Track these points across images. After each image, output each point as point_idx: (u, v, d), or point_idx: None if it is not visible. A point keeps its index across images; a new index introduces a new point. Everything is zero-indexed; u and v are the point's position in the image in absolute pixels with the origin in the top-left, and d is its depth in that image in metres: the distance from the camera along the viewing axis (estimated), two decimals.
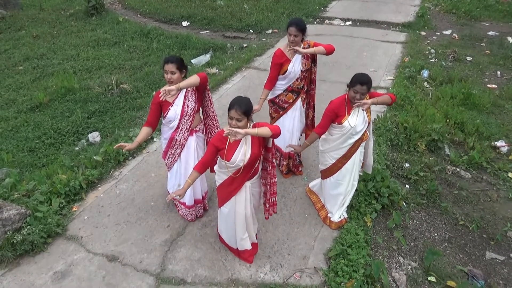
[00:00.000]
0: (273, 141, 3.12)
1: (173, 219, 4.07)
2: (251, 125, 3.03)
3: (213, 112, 3.76)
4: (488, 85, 7.10)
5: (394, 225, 4.02)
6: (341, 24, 10.48)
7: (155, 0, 12.45)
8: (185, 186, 3.05)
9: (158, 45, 9.18)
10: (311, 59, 4.15)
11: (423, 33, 9.76)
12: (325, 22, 10.64)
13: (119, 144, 3.42)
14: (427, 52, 8.42)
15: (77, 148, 5.61)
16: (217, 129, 3.79)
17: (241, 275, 3.45)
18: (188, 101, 3.47)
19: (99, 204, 4.32)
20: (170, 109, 3.47)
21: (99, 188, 4.56)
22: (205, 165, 3.09)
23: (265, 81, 4.26)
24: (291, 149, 4.00)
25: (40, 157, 5.50)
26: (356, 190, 4.24)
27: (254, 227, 3.50)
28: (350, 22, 10.55)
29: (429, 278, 3.53)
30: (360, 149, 3.69)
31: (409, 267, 3.66)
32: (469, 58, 8.21)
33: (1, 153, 5.39)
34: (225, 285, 3.36)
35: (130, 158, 5.10)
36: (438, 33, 9.81)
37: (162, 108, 3.51)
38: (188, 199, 3.84)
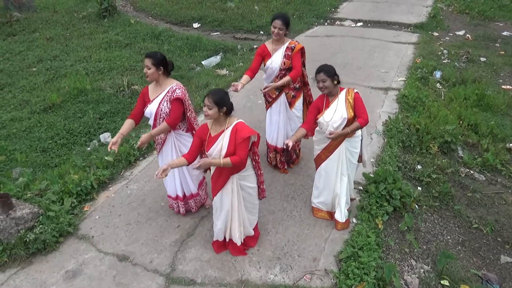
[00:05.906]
0: (254, 143, 3.26)
1: (183, 220, 4.08)
2: (230, 120, 3.20)
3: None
4: (503, 86, 6.97)
5: (406, 228, 3.96)
6: (352, 25, 10.41)
7: (166, 2, 12.56)
8: (170, 163, 3.11)
9: (169, 47, 9.24)
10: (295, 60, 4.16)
11: (435, 33, 9.64)
12: (336, 23, 10.60)
13: (111, 145, 3.41)
14: (440, 53, 8.31)
15: (88, 148, 5.67)
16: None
17: (251, 276, 3.43)
18: (163, 105, 3.52)
19: (110, 204, 4.35)
20: (147, 106, 3.58)
21: (110, 188, 4.60)
22: (191, 155, 3.21)
23: None
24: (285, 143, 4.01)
25: (53, 157, 5.57)
26: (367, 192, 4.21)
27: (246, 222, 3.54)
28: (361, 23, 10.48)
29: (442, 282, 3.47)
30: (346, 145, 3.66)
31: (422, 270, 3.60)
32: (483, 59, 8.08)
33: (15, 153, 5.48)
34: (235, 286, 3.35)
35: (140, 158, 5.13)
36: (451, 34, 9.68)
37: (145, 103, 3.63)
38: (169, 190, 3.98)
